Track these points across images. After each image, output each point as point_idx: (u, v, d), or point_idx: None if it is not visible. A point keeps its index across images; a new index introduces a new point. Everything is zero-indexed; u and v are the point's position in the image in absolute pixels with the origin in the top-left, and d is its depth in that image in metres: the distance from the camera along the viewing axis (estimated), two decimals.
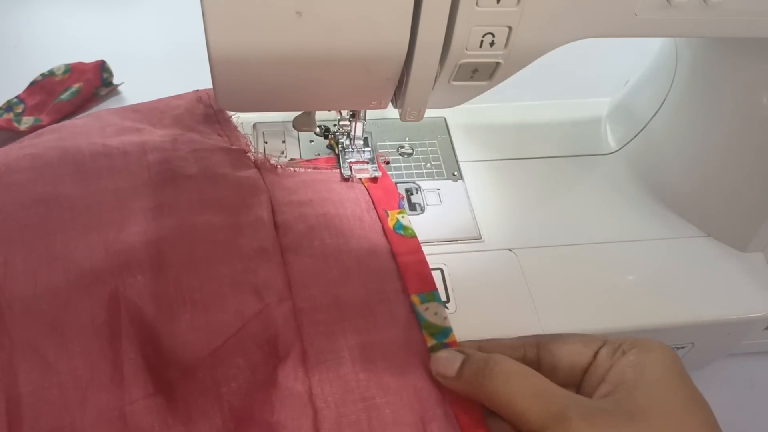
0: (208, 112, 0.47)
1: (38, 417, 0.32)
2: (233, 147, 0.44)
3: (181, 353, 0.34)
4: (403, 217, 0.43)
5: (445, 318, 0.38)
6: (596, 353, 0.33)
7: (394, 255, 0.41)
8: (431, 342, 0.37)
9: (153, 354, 0.34)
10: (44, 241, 0.37)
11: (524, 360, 0.34)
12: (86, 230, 0.37)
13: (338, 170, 0.46)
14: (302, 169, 0.45)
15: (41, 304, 0.34)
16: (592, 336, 0.35)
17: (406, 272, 0.40)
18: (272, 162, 0.45)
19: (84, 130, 0.44)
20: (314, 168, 0.46)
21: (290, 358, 0.35)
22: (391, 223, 0.42)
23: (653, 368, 0.32)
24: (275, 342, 0.35)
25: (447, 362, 0.34)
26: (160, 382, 0.34)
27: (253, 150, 0.45)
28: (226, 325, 0.35)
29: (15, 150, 0.41)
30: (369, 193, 0.44)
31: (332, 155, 0.47)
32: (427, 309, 0.38)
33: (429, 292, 0.39)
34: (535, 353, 0.35)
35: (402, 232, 0.42)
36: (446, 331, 0.38)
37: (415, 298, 0.39)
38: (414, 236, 0.42)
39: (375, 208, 0.43)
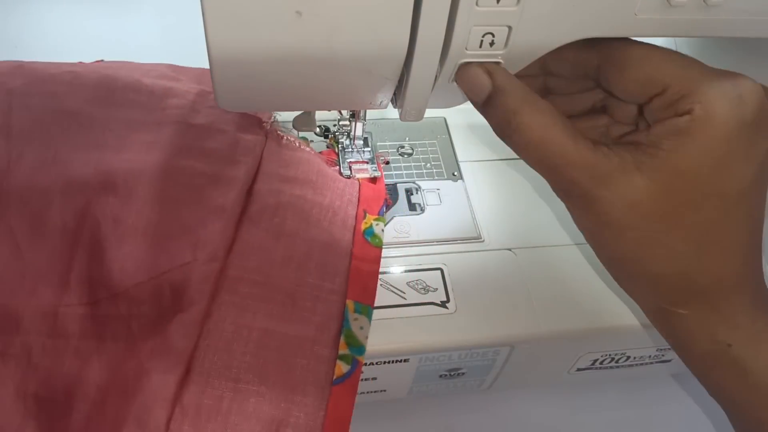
0: None
1: None
2: (253, 114, 0.46)
3: (114, 277, 0.36)
4: (377, 224, 0.42)
5: (366, 338, 0.37)
6: (652, 98, 0.29)
7: (351, 257, 0.40)
8: (344, 350, 0.37)
9: (96, 270, 0.37)
10: (55, 147, 0.41)
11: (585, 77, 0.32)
12: (89, 147, 0.41)
13: (338, 168, 0.46)
14: (307, 148, 0.46)
15: (32, 198, 0.38)
16: (660, 71, 0.29)
17: (353, 277, 0.39)
18: (280, 132, 0.46)
19: (131, 67, 0.48)
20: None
21: (188, 315, 0.36)
22: (363, 226, 0.42)
23: (701, 146, 0.27)
24: (183, 295, 0.36)
25: (475, 88, 0.30)
26: (92, 296, 0.36)
27: (271, 121, 0.46)
28: (156, 265, 0.37)
29: (64, 66, 0.47)
30: (359, 189, 0.44)
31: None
32: (356, 320, 0.38)
33: (366, 305, 0.39)
34: (594, 70, 0.31)
35: (369, 239, 0.42)
36: (362, 348, 0.37)
37: (350, 304, 0.38)
38: (380, 246, 0.41)
39: (357, 204, 0.43)
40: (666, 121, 0.28)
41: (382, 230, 0.42)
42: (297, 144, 0.45)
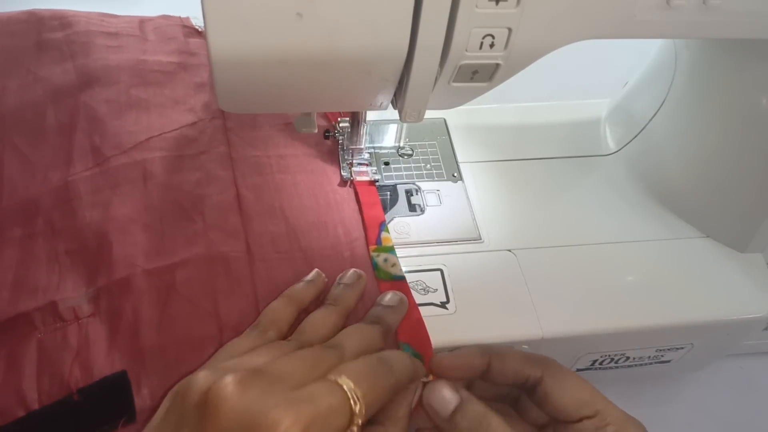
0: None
1: (13, 192, 0.41)
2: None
3: (122, 138, 0.44)
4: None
5: None
6: (582, 418, 0.34)
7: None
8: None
9: (99, 139, 0.44)
10: (33, 71, 0.48)
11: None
12: (62, 60, 0.49)
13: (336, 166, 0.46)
14: None
15: (26, 115, 0.45)
16: (594, 398, 0.34)
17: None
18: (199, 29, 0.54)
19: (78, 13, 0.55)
20: None
21: (216, 153, 0.45)
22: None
23: None
24: (204, 141, 0.45)
25: (442, 402, 0.33)
26: (99, 158, 0.43)
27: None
28: (163, 125, 0.45)
29: (17, 12, 0.53)
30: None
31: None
32: None
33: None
34: (533, 383, 0.35)
35: None
36: None
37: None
38: None
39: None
40: None
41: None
42: None
